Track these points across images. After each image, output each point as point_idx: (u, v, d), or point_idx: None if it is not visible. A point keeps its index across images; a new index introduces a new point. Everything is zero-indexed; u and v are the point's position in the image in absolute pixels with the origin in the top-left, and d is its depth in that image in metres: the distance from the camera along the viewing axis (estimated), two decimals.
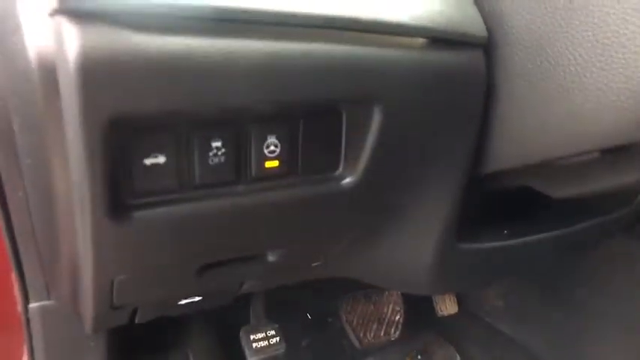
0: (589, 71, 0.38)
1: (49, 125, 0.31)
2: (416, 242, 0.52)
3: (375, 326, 1.00)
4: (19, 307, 0.50)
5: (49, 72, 0.29)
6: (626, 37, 0.36)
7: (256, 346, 0.65)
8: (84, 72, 0.26)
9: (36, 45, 0.29)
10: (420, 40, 0.40)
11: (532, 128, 0.43)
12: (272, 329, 0.67)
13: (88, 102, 0.27)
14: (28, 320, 0.50)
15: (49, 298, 0.48)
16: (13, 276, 0.46)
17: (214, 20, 0.30)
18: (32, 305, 0.48)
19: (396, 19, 0.37)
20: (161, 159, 0.33)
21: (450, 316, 1.12)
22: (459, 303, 1.13)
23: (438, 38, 0.40)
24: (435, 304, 1.11)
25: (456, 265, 0.56)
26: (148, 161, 0.32)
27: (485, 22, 0.43)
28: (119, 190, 0.32)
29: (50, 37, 0.28)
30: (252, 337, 0.66)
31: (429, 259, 0.53)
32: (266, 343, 0.66)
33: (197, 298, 0.51)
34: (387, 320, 1.02)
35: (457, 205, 0.49)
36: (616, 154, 0.44)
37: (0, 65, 0.31)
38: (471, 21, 0.42)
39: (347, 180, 0.41)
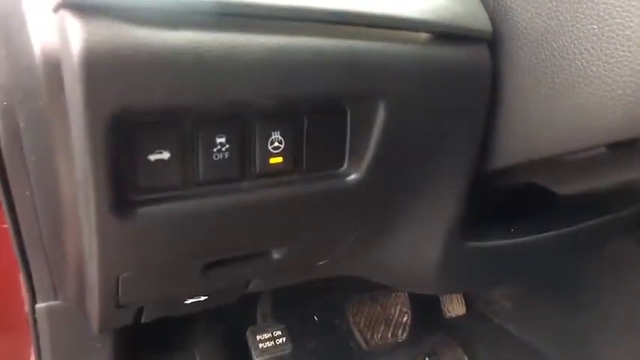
0: (595, 65, 0.38)
1: (53, 121, 0.31)
2: (421, 240, 0.51)
3: (382, 328, 0.99)
4: (27, 308, 0.50)
5: (53, 68, 0.29)
6: (631, 30, 0.36)
7: (262, 347, 0.65)
8: (88, 66, 0.26)
9: (40, 41, 0.29)
10: (425, 35, 0.40)
11: (538, 123, 0.43)
12: (278, 330, 0.67)
13: (92, 96, 0.27)
14: (35, 320, 0.50)
15: (55, 299, 0.48)
16: (21, 276, 0.47)
17: (217, 14, 0.30)
18: (39, 305, 0.48)
19: (401, 14, 0.37)
20: (165, 155, 0.33)
21: (458, 317, 1.11)
22: (467, 304, 1.12)
23: (443, 33, 0.40)
24: (442, 305, 1.10)
25: (463, 263, 0.56)
26: (152, 157, 0.32)
27: (490, 17, 0.43)
28: (123, 186, 0.32)
29: (55, 33, 0.29)
30: (258, 337, 0.66)
31: (435, 258, 0.52)
32: (272, 343, 0.66)
33: (203, 298, 0.51)
34: (394, 322, 1.01)
35: (463, 203, 0.49)
36: (622, 149, 0.43)
37: (5, 61, 0.31)
38: (475, 15, 0.42)
39: (351, 177, 0.41)
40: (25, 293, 0.48)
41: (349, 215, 0.45)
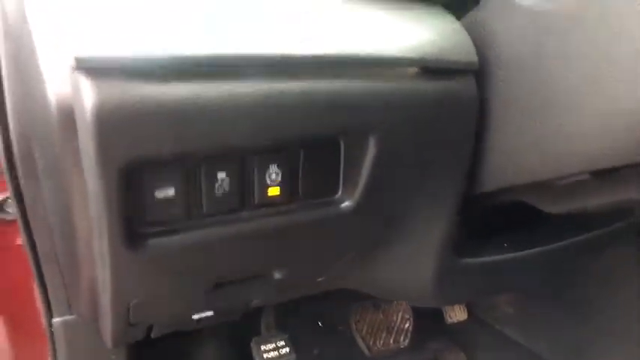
0: (579, 94, 0.39)
1: (67, 164, 0.34)
2: (415, 260, 0.54)
3: (384, 334, 1.01)
4: (44, 322, 0.53)
5: (66, 116, 0.32)
6: (613, 60, 0.36)
7: (267, 357, 0.68)
8: (99, 123, 0.29)
9: (54, 91, 0.32)
10: (412, 70, 0.42)
11: (523, 149, 0.45)
12: (282, 340, 0.70)
13: (104, 150, 0.30)
14: (52, 334, 0.53)
15: (71, 313, 0.51)
16: (37, 294, 0.50)
17: (214, 66, 0.33)
18: (56, 320, 0.51)
19: (388, 53, 0.39)
20: (171, 192, 0.36)
21: (460, 323, 1.12)
22: (469, 310, 1.14)
23: (430, 68, 0.42)
24: (444, 311, 1.12)
25: (457, 278, 0.58)
26: (159, 194, 0.35)
27: (477, 44, 0.45)
28: (133, 221, 0.35)
29: (67, 84, 0.31)
30: (262, 347, 0.68)
31: (429, 275, 0.55)
32: (276, 353, 0.69)
33: (210, 313, 0.54)
34: (396, 328, 1.03)
35: (453, 224, 0.51)
36: (606, 175, 0.45)
37: (22, 110, 0.34)
38: (461, 48, 0.44)
39: (346, 204, 0.44)
40: (41, 308, 0.51)
41: (345, 238, 0.48)
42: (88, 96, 0.29)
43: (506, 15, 0.42)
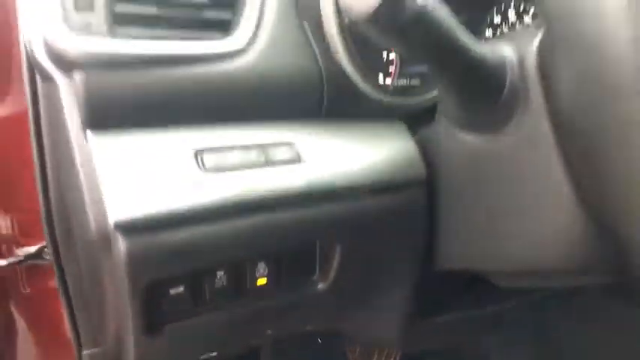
0: (507, 212, 0.47)
1: (103, 266, 0.45)
2: (380, 323, 0.65)
3: (375, 357, 1.12)
4: (74, 353, 0.65)
5: (104, 237, 0.43)
6: (536, 193, 0.44)
7: None
8: (129, 262, 0.41)
9: (95, 220, 0.44)
10: (368, 191, 0.52)
11: (465, 244, 0.54)
12: None
13: (133, 277, 0.42)
14: None
15: (96, 346, 0.63)
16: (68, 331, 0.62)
17: (206, 214, 0.44)
18: (85, 352, 0.63)
19: (347, 182, 0.50)
20: (180, 289, 0.47)
21: None
22: None
23: (382, 187, 0.52)
24: None
25: (419, 335, 0.68)
26: (172, 291, 0.47)
27: (428, 156, 0.54)
28: (152, 312, 0.46)
29: (105, 218, 0.43)
30: None
31: (394, 333, 0.65)
32: None
33: (214, 353, 0.65)
34: (387, 349, 1.13)
35: (413, 296, 0.62)
36: None
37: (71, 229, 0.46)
38: (411, 165, 0.54)
39: (320, 285, 0.55)
40: (72, 343, 0.63)
41: (321, 310, 0.58)
42: (122, 245, 0.41)
43: (452, 141, 0.51)
